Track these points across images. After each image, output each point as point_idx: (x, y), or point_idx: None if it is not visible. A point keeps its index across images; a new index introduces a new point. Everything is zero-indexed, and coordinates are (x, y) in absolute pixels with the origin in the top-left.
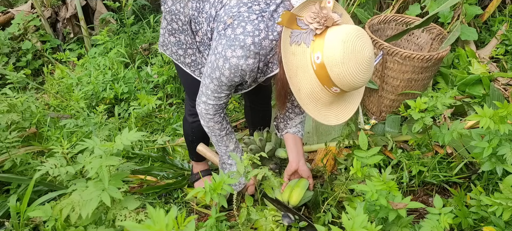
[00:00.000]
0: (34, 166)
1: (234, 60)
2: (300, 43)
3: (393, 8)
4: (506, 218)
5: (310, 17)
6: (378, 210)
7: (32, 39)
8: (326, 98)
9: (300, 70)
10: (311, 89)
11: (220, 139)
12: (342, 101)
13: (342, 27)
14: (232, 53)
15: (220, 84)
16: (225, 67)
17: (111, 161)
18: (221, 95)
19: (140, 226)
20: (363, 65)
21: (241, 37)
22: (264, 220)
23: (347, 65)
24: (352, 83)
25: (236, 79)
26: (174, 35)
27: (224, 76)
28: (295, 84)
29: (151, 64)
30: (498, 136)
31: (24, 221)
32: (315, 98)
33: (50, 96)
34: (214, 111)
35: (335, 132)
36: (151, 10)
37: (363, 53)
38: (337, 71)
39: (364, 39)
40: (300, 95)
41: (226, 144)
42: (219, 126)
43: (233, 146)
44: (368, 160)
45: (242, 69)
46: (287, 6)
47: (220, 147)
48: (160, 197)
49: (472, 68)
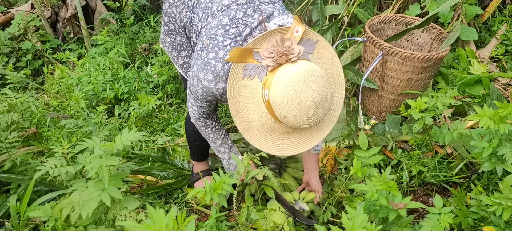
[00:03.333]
0: (34, 166)
1: (205, 83)
2: (253, 77)
3: (393, 8)
4: (506, 218)
5: (266, 51)
6: (378, 210)
7: (32, 39)
8: (282, 129)
9: (251, 104)
10: (263, 122)
11: (207, 136)
12: (306, 130)
13: (291, 68)
14: (204, 76)
15: (196, 98)
16: (198, 86)
17: (111, 161)
18: (202, 105)
19: (140, 226)
20: (304, 110)
21: (213, 63)
22: (264, 220)
23: (287, 110)
24: (297, 125)
25: (210, 98)
26: (170, 36)
27: (199, 93)
28: (244, 117)
29: (151, 64)
30: (498, 136)
31: (24, 221)
32: (268, 129)
33: (50, 96)
34: (199, 115)
35: (335, 131)
36: (151, 10)
37: (306, 99)
38: (279, 113)
39: (311, 84)
40: (250, 127)
41: (213, 140)
42: (202, 127)
43: (220, 142)
44: (368, 160)
45: (212, 92)
46: (262, 29)
47: (209, 141)
48: (160, 197)
49: (472, 68)
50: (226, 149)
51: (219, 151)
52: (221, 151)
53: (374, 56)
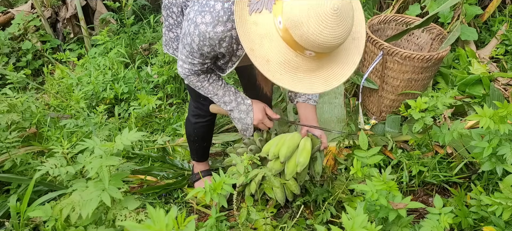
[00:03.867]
0: (34, 166)
1: (202, 27)
2: (261, 10)
3: (393, 8)
4: (506, 218)
5: None
6: (378, 210)
7: (32, 39)
8: (307, 65)
9: (266, 40)
10: (284, 59)
11: (205, 91)
12: (332, 64)
13: None
14: (202, 19)
15: (191, 51)
16: (195, 33)
17: (111, 161)
18: (194, 62)
19: (140, 226)
20: (327, 20)
21: (212, 3)
22: (264, 220)
23: (307, 24)
24: (322, 43)
25: (206, 49)
26: (171, 31)
27: (194, 43)
28: (262, 56)
29: (151, 64)
30: (498, 136)
31: (24, 221)
32: (292, 67)
33: (50, 96)
34: (189, 73)
35: (335, 132)
36: (151, 10)
37: (325, 7)
38: (299, 33)
39: None
40: (270, 67)
41: (214, 92)
42: (197, 83)
43: (222, 91)
44: (368, 160)
45: (210, 37)
46: None
47: (211, 96)
48: (160, 197)
49: (472, 68)
50: (231, 97)
51: (225, 102)
52: (226, 101)
53: (374, 56)
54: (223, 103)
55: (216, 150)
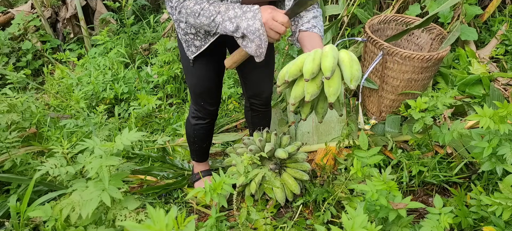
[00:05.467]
0: (34, 166)
1: None
2: None
3: (393, 8)
4: (506, 218)
5: None
6: (378, 210)
7: (32, 39)
8: None
9: None
10: None
11: (205, 13)
12: None
13: None
14: None
15: None
16: None
17: (111, 161)
18: None
19: (140, 226)
20: None
21: None
22: (264, 220)
23: None
24: None
25: None
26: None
27: None
28: None
29: (151, 64)
30: (498, 135)
31: (24, 221)
32: None
33: (50, 96)
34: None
35: (335, 131)
36: (151, 10)
37: None
38: None
39: None
40: None
41: (217, 11)
42: (195, 5)
43: (224, 7)
44: (368, 160)
45: None
46: None
47: (215, 18)
48: (160, 197)
49: (472, 68)
50: (236, 9)
51: (230, 18)
52: (231, 16)
53: (374, 56)
54: (228, 20)
55: (216, 150)
